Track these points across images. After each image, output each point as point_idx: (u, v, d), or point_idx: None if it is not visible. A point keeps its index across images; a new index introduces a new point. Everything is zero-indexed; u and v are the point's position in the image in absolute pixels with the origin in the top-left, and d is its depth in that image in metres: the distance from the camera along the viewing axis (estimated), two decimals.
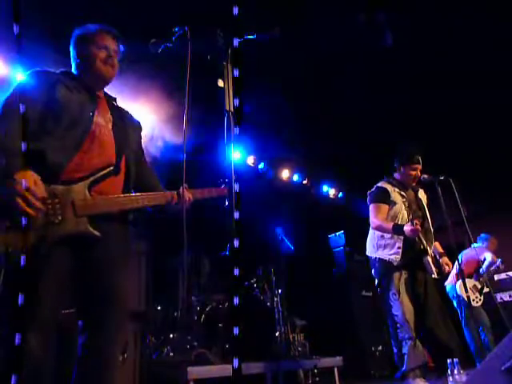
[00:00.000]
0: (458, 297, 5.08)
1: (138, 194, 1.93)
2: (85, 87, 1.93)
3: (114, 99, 2.11)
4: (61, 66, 2.01)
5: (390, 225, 3.38)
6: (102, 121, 1.91)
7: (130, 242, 1.98)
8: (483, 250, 5.35)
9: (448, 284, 5.26)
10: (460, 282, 5.10)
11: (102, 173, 1.78)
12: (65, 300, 1.76)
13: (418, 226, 3.18)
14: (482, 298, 5.12)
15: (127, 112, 2.15)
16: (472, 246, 5.24)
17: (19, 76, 4.00)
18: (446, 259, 3.61)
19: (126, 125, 2.03)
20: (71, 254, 1.71)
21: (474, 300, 5.07)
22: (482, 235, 5.58)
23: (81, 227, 1.68)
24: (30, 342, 1.52)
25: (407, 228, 3.22)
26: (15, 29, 0.96)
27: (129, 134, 2.02)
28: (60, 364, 1.76)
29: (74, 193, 1.68)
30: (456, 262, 3.53)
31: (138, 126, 2.19)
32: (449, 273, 3.56)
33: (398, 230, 3.32)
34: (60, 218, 1.62)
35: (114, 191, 1.84)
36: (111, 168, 1.83)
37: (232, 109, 1.38)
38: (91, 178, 1.74)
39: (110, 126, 1.93)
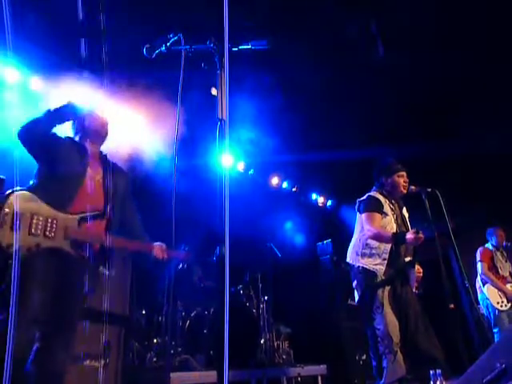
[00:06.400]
0: (487, 300, 5.20)
1: (115, 237, 2.42)
2: (82, 147, 2.50)
3: (105, 155, 2.63)
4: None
5: (388, 233, 3.35)
6: (94, 173, 2.44)
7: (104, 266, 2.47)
8: None
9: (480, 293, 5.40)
10: (488, 285, 5.24)
11: (90, 214, 2.31)
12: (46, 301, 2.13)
13: (421, 235, 3.16)
14: (509, 304, 5.15)
15: (115, 164, 2.66)
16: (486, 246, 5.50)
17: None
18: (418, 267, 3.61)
19: (114, 175, 2.51)
20: (50, 265, 2.14)
21: (498, 303, 5.13)
22: (489, 230, 5.65)
23: (63, 245, 2.21)
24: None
25: (410, 236, 3.18)
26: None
27: (116, 184, 2.50)
28: None
29: (68, 221, 2.24)
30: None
31: (125, 174, 2.69)
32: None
33: (398, 238, 3.27)
34: (53, 234, 2.17)
35: (97, 230, 2.35)
36: (98, 213, 2.36)
37: (225, 117, 1.39)
38: (81, 215, 2.28)
39: (100, 178, 2.46)
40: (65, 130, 2.61)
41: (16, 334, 1.67)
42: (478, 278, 5.41)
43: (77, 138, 2.57)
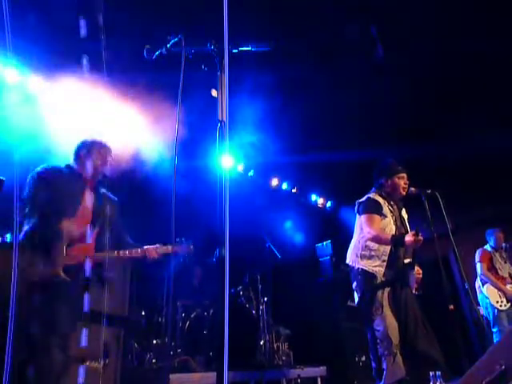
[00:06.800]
0: (486, 299, 5.25)
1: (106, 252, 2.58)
2: (79, 176, 2.67)
3: (98, 183, 2.78)
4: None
5: (388, 235, 3.34)
6: (87, 201, 2.61)
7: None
8: None
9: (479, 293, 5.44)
10: (488, 284, 5.27)
11: (76, 239, 2.48)
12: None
13: (421, 238, 3.17)
14: (508, 303, 5.18)
15: (106, 193, 2.83)
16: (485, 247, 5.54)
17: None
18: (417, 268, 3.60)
19: (106, 202, 2.70)
20: (44, 292, 2.29)
21: (497, 302, 5.16)
22: (488, 231, 5.70)
23: (58, 273, 2.38)
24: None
25: (409, 239, 3.18)
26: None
27: (106, 211, 2.65)
28: None
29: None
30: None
31: (115, 203, 2.85)
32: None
33: (398, 240, 3.27)
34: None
35: (85, 251, 2.51)
36: (82, 234, 2.49)
37: (225, 118, 1.39)
38: (67, 242, 2.45)
39: (91, 204, 2.63)
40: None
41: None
42: (478, 279, 5.43)
43: (76, 166, 2.72)
